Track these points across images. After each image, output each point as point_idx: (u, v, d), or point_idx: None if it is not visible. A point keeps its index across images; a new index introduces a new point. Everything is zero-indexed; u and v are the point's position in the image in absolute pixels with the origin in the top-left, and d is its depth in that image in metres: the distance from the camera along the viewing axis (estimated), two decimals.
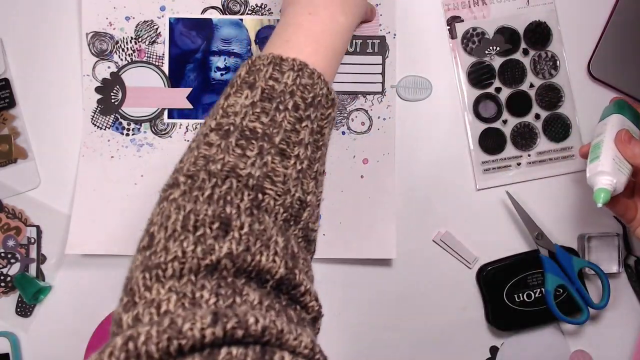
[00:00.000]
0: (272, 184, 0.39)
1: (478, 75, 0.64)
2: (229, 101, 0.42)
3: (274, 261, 0.37)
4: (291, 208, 0.40)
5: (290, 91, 0.41)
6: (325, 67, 0.44)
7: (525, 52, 0.64)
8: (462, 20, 0.64)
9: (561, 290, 0.63)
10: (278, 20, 0.63)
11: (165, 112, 0.64)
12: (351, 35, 0.49)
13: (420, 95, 0.60)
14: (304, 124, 0.41)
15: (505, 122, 0.64)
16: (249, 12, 0.64)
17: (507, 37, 0.64)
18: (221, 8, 0.64)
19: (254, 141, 0.39)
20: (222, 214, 0.37)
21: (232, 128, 0.40)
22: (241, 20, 0.64)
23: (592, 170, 0.52)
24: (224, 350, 0.30)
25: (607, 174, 0.51)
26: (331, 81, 0.46)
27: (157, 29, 0.64)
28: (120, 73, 0.64)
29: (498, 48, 0.64)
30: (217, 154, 0.39)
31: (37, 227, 0.64)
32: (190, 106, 0.64)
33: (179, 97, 0.64)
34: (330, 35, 0.46)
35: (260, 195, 0.39)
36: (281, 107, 0.41)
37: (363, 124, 0.64)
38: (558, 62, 0.64)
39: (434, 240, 0.64)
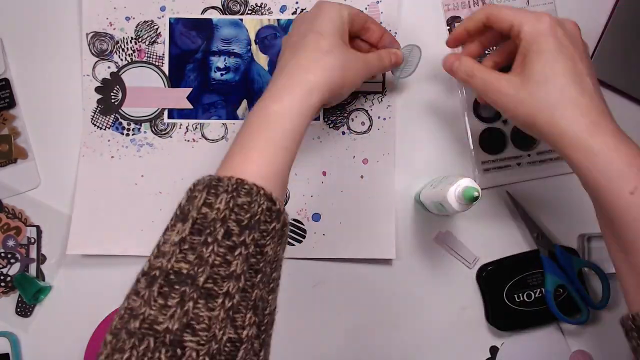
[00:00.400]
0: (193, 334, 0.36)
1: None
2: (165, 236, 0.40)
3: None
4: (219, 354, 0.37)
5: (222, 217, 0.39)
6: (266, 175, 0.42)
7: None
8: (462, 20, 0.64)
9: (561, 290, 0.63)
10: (278, 20, 0.63)
11: (165, 112, 0.64)
12: (297, 124, 0.45)
13: (410, 67, 0.60)
14: (236, 252, 0.39)
15: (505, 122, 0.64)
16: (249, 12, 0.64)
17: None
18: (221, 8, 0.64)
19: (177, 286, 0.37)
20: None
21: (157, 273, 0.38)
22: (241, 20, 0.64)
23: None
24: None
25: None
26: (280, 189, 0.44)
27: (157, 29, 0.64)
28: (120, 73, 0.64)
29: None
30: (140, 307, 0.37)
31: (37, 227, 0.64)
32: (190, 106, 0.64)
33: (179, 97, 0.64)
34: (262, 131, 0.44)
35: (179, 351, 0.36)
36: (210, 239, 0.38)
37: (363, 124, 0.64)
38: None
39: (434, 240, 0.64)
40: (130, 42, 0.64)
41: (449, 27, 0.64)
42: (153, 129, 0.64)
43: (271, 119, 0.45)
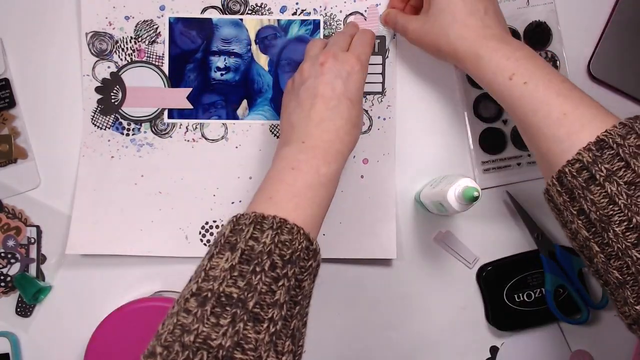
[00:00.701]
0: (242, 352, 0.39)
1: None
2: (212, 262, 0.43)
3: None
4: None
5: (268, 251, 0.43)
6: (307, 220, 0.46)
7: None
8: None
9: (561, 290, 0.63)
10: (278, 20, 0.63)
11: (165, 112, 0.64)
12: (337, 180, 0.51)
13: None
14: (280, 283, 0.42)
15: (505, 121, 0.64)
16: (249, 12, 0.64)
17: None
18: (221, 8, 0.64)
19: (228, 308, 0.40)
20: None
21: (209, 294, 0.41)
22: (241, 20, 0.64)
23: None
24: None
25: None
26: (316, 231, 0.48)
27: (156, 28, 0.64)
28: (120, 73, 0.64)
29: None
30: (193, 323, 0.40)
31: (37, 227, 0.64)
32: (190, 106, 0.64)
33: (179, 97, 0.64)
34: (313, 188, 0.48)
35: None
36: (258, 268, 0.42)
37: (363, 124, 0.64)
38: (558, 62, 0.64)
39: (434, 240, 0.64)
40: (130, 41, 0.64)
41: None
42: (153, 129, 0.64)
43: (322, 180, 0.49)
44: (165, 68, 0.64)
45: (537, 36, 0.64)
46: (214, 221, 0.63)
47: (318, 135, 0.50)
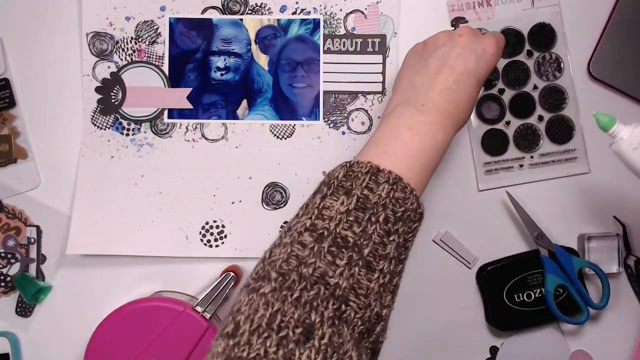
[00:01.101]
0: (356, 296, 0.40)
1: None
2: (325, 202, 0.43)
3: None
4: (368, 322, 0.41)
5: (383, 204, 0.43)
6: (418, 182, 0.46)
7: (530, 54, 0.64)
8: (467, 21, 0.64)
9: (561, 290, 0.63)
10: (278, 20, 0.63)
11: (166, 112, 0.64)
12: (447, 148, 0.50)
13: None
14: (391, 238, 0.43)
15: (508, 123, 0.64)
16: (249, 12, 0.64)
17: (512, 38, 0.63)
18: (221, 8, 0.64)
19: (344, 250, 0.41)
20: (306, 320, 0.38)
21: (325, 233, 0.41)
22: (241, 20, 0.64)
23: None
24: None
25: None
26: (422, 193, 0.48)
27: (157, 29, 0.64)
28: (120, 73, 0.64)
29: None
30: (309, 257, 0.40)
31: (37, 227, 0.64)
32: (190, 106, 0.64)
33: (179, 97, 0.64)
34: (427, 152, 0.47)
35: (343, 306, 0.40)
36: (373, 218, 0.42)
37: (363, 123, 0.64)
38: (562, 64, 0.64)
39: (434, 241, 0.64)
40: (130, 42, 0.64)
41: (453, 28, 0.64)
42: (153, 129, 0.64)
43: (436, 147, 0.48)
44: (166, 68, 0.64)
45: (542, 38, 0.64)
46: (214, 221, 0.63)
47: (439, 102, 0.48)
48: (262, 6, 0.63)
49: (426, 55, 0.51)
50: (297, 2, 0.63)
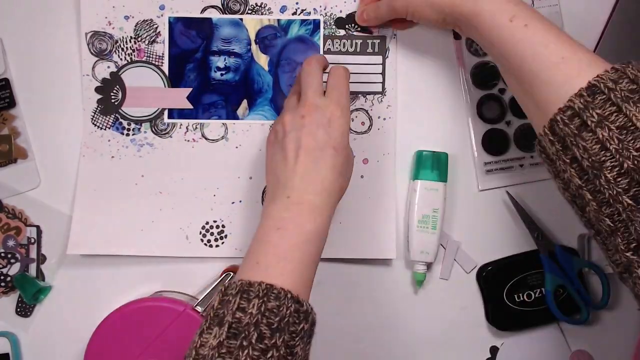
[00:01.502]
0: None
1: (482, 76, 0.63)
2: (202, 339, 0.43)
3: None
4: None
5: (255, 322, 0.42)
6: (296, 281, 0.46)
7: None
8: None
9: (561, 290, 0.63)
10: (278, 20, 0.63)
11: (166, 112, 0.64)
12: (326, 232, 0.50)
13: None
14: (269, 355, 0.42)
15: (508, 123, 0.64)
16: (249, 12, 0.64)
17: None
18: (221, 7, 0.63)
19: None
20: None
21: None
22: (241, 19, 0.64)
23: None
24: None
25: (417, 263, 0.62)
26: (307, 290, 0.48)
27: (156, 28, 0.63)
28: (120, 73, 0.63)
29: None
30: None
31: (37, 227, 0.64)
32: (190, 106, 0.64)
33: (179, 97, 0.64)
34: (299, 248, 0.47)
35: None
36: (245, 342, 0.42)
37: (363, 123, 0.64)
38: None
39: None
40: (130, 41, 0.63)
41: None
42: (153, 129, 0.64)
43: (308, 237, 0.48)
44: (165, 68, 0.64)
45: None
46: (214, 221, 0.63)
47: (303, 188, 0.49)
48: (262, 6, 0.63)
49: (281, 144, 0.52)
50: (297, 3, 0.63)
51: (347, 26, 0.63)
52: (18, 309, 0.64)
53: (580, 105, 0.43)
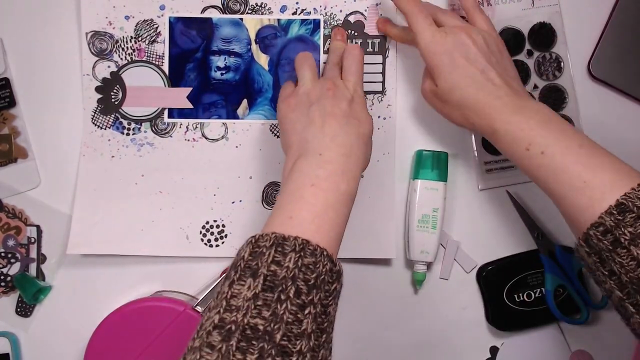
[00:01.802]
0: None
1: None
2: (233, 290, 0.41)
3: None
4: None
5: (292, 276, 0.41)
6: (330, 240, 0.46)
7: (530, 54, 0.64)
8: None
9: (561, 290, 0.63)
10: (278, 20, 0.63)
11: (166, 112, 0.64)
12: (355, 196, 0.50)
13: None
14: (306, 311, 0.41)
15: None
16: (249, 12, 0.64)
17: (512, 38, 0.63)
18: (221, 7, 0.63)
19: (254, 342, 0.39)
20: None
21: (233, 327, 0.39)
22: (241, 19, 0.64)
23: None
24: None
25: (417, 263, 0.62)
26: (337, 251, 0.47)
27: (156, 28, 0.64)
28: (120, 72, 0.63)
29: None
30: None
31: (37, 226, 0.64)
32: (190, 106, 0.64)
33: (179, 97, 0.64)
34: (333, 207, 0.47)
35: None
36: (282, 296, 0.40)
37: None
38: (562, 63, 0.64)
39: None
40: (130, 41, 0.63)
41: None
42: (153, 129, 0.64)
43: (342, 199, 0.48)
44: (166, 67, 0.64)
45: (542, 37, 0.64)
46: (215, 221, 0.63)
47: (334, 149, 0.50)
48: (262, 6, 0.63)
49: (304, 111, 0.53)
50: (297, 2, 0.63)
51: (349, 31, 0.63)
52: (18, 309, 0.64)
53: (611, 222, 0.43)
